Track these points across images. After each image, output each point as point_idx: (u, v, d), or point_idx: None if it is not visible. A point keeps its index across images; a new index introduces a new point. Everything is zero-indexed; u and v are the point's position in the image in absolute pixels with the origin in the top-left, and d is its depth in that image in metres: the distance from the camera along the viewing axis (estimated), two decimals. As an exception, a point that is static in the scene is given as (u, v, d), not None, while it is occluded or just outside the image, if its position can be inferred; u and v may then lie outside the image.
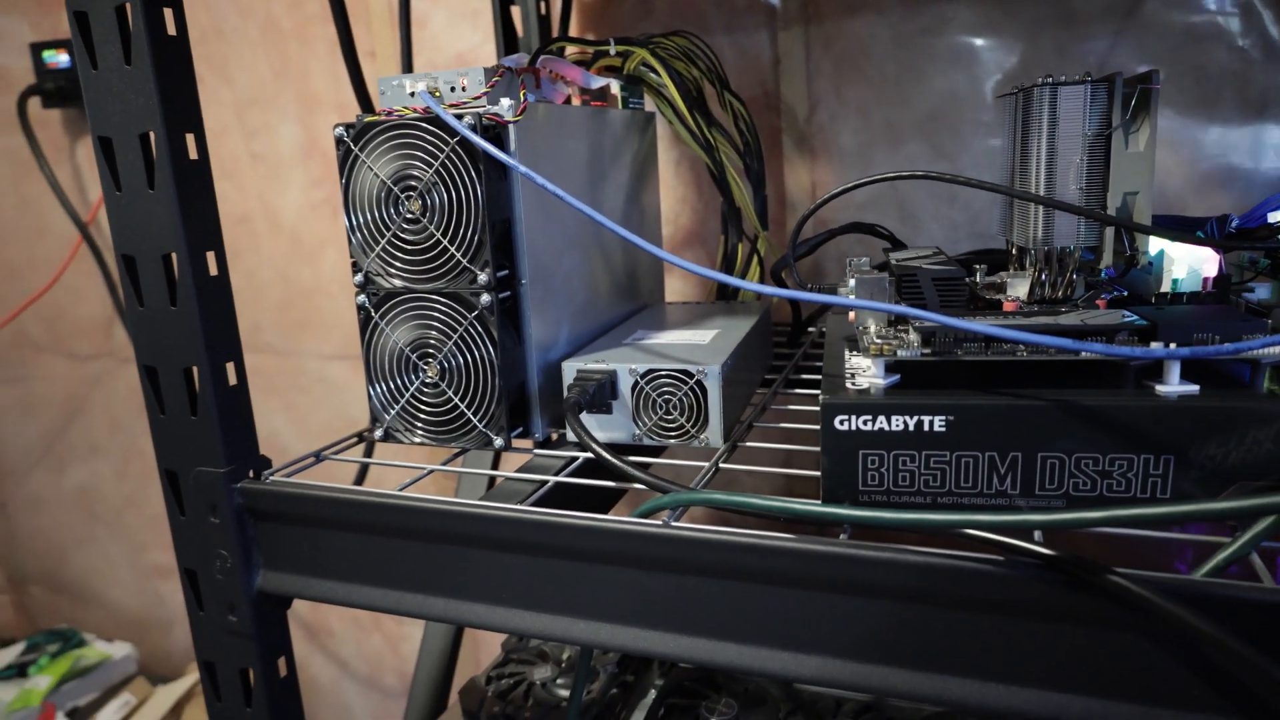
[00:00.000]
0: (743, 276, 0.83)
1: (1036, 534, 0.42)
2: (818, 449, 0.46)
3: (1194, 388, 0.43)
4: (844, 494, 0.45)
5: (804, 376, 0.73)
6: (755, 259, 0.82)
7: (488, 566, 0.48)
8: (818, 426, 0.48)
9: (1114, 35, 0.87)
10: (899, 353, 0.46)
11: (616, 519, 0.45)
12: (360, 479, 1.00)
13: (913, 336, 0.47)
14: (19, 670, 1.42)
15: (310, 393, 1.35)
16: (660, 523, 0.45)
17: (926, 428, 0.44)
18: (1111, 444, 0.42)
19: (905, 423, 0.44)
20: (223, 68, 1.26)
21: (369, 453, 0.85)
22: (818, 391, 0.67)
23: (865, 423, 0.44)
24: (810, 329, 0.85)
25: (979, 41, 0.90)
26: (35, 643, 1.50)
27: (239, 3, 1.22)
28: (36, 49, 1.36)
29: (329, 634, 1.44)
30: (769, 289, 0.48)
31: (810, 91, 0.97)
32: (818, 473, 0.50)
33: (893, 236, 0.70)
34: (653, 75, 0.78)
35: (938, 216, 0.96)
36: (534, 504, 0.50)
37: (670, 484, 0.47)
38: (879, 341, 0.47)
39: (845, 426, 0.44)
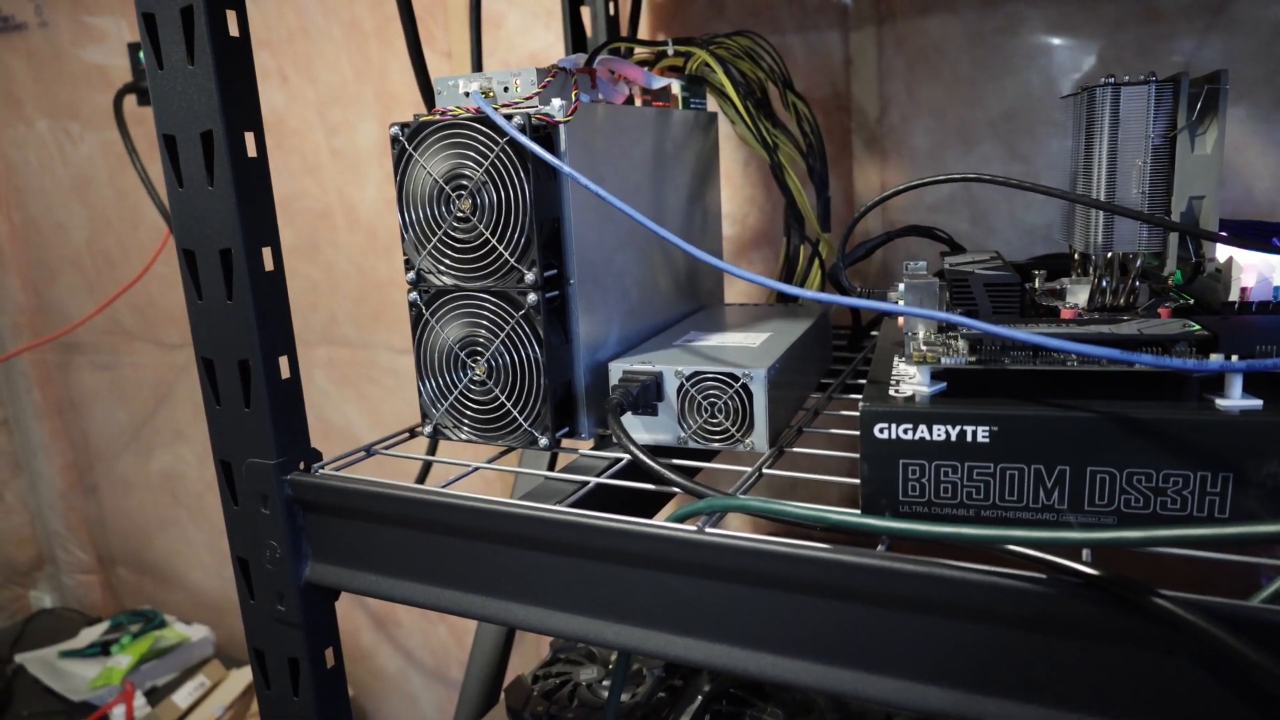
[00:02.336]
0: (804, 279, 0.82)
1: (1085, 552, 0.40)
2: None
3: (1257, 402, 0.40)
4: (884, 504, 0.44)
5: (861, 382, 0.71)
6: (816, 262, 0.81)
7: (523, 565, 0.48)
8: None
9: (1201, 33, 0.83)
10: (943, 360, 0.45)
11: (648, 523, 0.45)
12: (423, 476, 1.01)
13: (960, 344, 0.46)
14: (102, 648, 1.48)
15: (382, 384, 1.38)
16: (694, 528, 0.44)
17: (969, 438, 0.42)
18: (1166, 459, 0.41)
19: (947, 432, 0.43)
20: (307, 67, 1.29)
21: (431, 449, 0.86)
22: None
23: (905, 431, 0.43)
24: (873, 333, 0.83)
25: (1057, 40, 0.87)
26: (119, 622, 1.56)
27: (325, 3, 1.25)
28: (134, 49, 1.41)
29: (397, 624, 1.47)
30: (816, 294, 0.47)
31: (882, 92, 0.95)
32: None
33: (951, 240, 0.68)
34: (715, 75, 0.77)
35: (1012, 220, 0.93)
36: (573, 505, 0.50)
37: (707, 489, 0.46)
38: (924, 349, 0.46)
39: (885, 435, 0.43)
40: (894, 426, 0.43)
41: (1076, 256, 0.56)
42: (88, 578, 1.82)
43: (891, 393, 0.46)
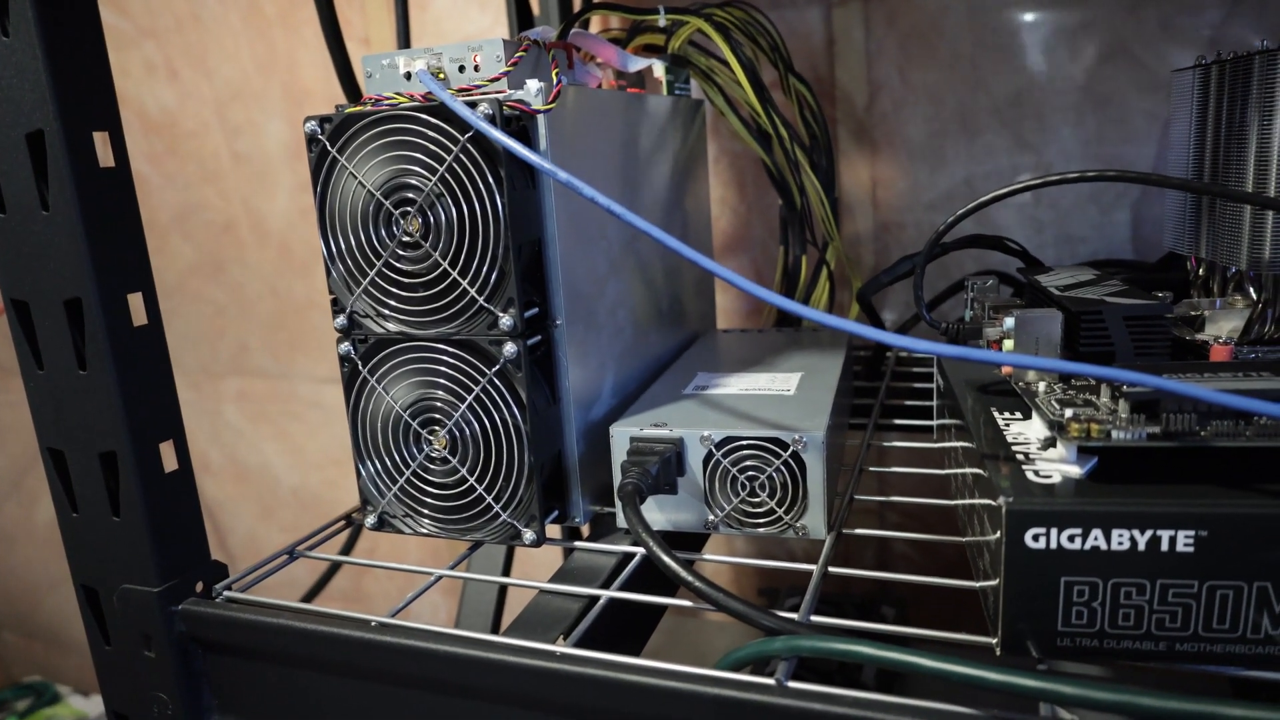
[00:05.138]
0: (808, 293, 0.69)
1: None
2: (948, 538, 0.33)
3: None
4: (1032, 634, 0.32)
5: (898, 422, 0.59)
6: (825, 273, 0.68)
7: (521, 732, 0.35)
8: (933, 500, 0.40)
9: (1230, 5, 0.74)
10: (1114, 434, 0.32)
11: (707, 675, 0.32)
12: (326, 577, 0.85)
13: (1117, 405, 0.33)
14: (-18, 736, 1.30)
15: (304, 419, 1.22)
16: (772, 681, 0.31)
17: (1166, 546, 0.30)
18: None
19: (1133, 538, 0.30)
20: (201, 59, 1.13)
21: (345, 548, 0.69)
22: (918, 443, 0.54)
23: (1073, 538, 0.30)
24: (887, 353, 0.71)
25: (1069, 15, 0.77)
26: (2, 699, 1.36)
27: (218, -15, 1.09)
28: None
29: None
30: (904, 340, 0.34)
31: (870, 76, 0.84)
32: (975, 583, 0.36)
33: (1026, 252, 0.56)
34: (702, 56, 0.64)
35: (1021, 216, 0.82)
36: (585, 633, 0.36)
37: (774, 617, 0.33)
38: (1071, 416, 0.33)
39: (1042, 544, 0.31)
40: (1055, 533, 0.30)
41: (1199, 272, 0.44)
42: (-33, 645, 1.61)
43: (1029, 476, 0.33)
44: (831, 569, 0.40)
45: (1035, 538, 0.30)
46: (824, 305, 0.68)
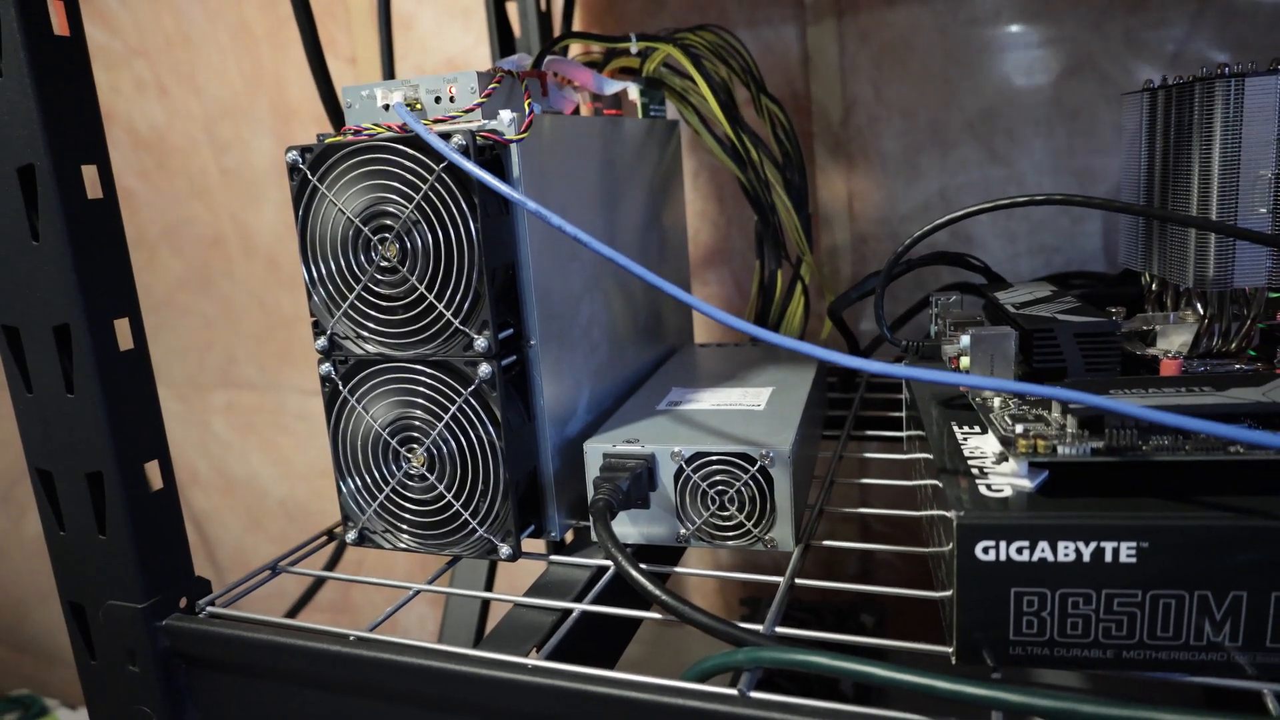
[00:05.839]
0: (784, 307, 0.71)
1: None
2: (912, 549, 0.34)
3: None
4: (986, 643, 0.33)
5: (870, 434, 0.60)
6: (799, 288, 0.70)
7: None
8: (904, 511, 0.41)
9: (1191, 20, 0.76)
10: (1060, 449, 0.33)
11: (671, 686, 0.33)
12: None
13: (1066, 421, 0.35)
14: (-29, 750, 1.30)
15: (293, 431, 1.23)
16: (735, 692, 0.32)
17: (1109, 557, 0.31)
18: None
19: (1078, 550, 0.31)
20: (190, 77, 1.14)
21: (332, 560, 0.70)
22: (891, 455, 0.55)
23: (1021, 550, 0.32)
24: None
25: (1036, 31, 0.79)
26: (-9, 714, 1.37)
27: (207, 5, 1.10)
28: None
29: None
30: (866, 363, 0.35)
31: (845, 91, 0.86)
32: (935, 593, 0.37)
33: (988, 269, 0.57)
34: (676, 78, 0.65)
35: (994, 228, 0.84)
36: (557, 646, 0.38)
37: (738, 629, 0.34)
38: (1020, 431, 0.34)
39: (992, 556, 0.32)
40: (1004, 545, 0.32)
41: (1153, 288, 0.46)
42: (-45, 659, 1.61)
43: (979, 487, 0.34)
44: (799, 580, 0.41)
45: (985, 550, 0.32)
46: (799, 319, 0.70)
